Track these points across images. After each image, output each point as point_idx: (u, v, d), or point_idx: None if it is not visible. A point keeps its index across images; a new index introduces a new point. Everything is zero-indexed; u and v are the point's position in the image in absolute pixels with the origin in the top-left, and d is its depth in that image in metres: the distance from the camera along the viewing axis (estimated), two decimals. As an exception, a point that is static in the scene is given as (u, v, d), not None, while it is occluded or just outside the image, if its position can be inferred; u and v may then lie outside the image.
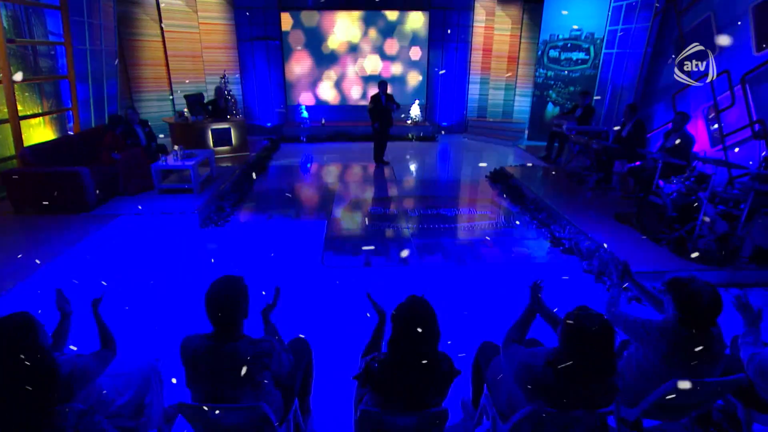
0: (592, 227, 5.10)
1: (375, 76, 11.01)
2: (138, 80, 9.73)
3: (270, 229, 5.48)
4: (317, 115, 11.07)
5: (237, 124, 8.29)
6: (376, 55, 10.98)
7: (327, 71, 11.01)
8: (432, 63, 11.10)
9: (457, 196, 6.84)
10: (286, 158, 9.03)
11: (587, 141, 6.81)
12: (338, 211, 6.10)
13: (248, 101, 10.86)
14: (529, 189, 6.57)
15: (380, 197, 6.73)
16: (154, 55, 9.84)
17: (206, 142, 8.05)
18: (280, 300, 2.33)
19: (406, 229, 5.50)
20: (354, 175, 7.98)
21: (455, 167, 8.79)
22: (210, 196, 6.08)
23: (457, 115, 11.57)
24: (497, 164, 8.12)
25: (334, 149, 9.81)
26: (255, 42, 10.38)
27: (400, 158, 8.95)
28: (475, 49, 11.13)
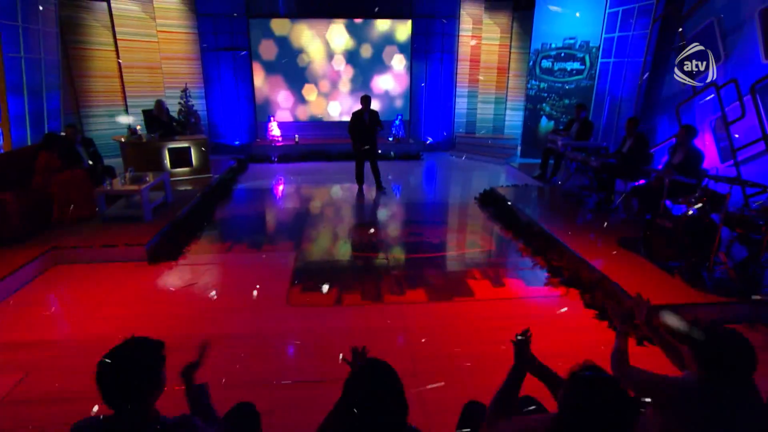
0: (594, 254, 4.89)
1: (356, 90, 10.94)
2: (87, 93, 9.47)
3: (230, 262, 5.18)
4: (290, 132, 10.89)
5: (198, 143, 8.01)
6: (354, 68, 10.91)
7: (301, 85, 10.90)
8: (415, 75, 11.06)
9: (442, 221, 6.61)
10: (254, 180, 8.78)
11: (585, 158, 6.69)
12: (309, 239, 5.82)
13: (213, 117, 10.65)
14: (523, 212, 6.38)
15: (357, 223, 6.49)
16: (106, 65, 9.61)
17: (163, 163, 7.74)
18: (230, 352, 2.01)
19: (385, 260, 5.23)
20: (329, 198, 7.73)
21: (441, 188, 8.62)
22: (163, 224, 5.76)
23: (444, 131, 11.49)
24: (488, 184, 7.97)
25: (308, 170, 9.60)
26: (221, 52, 10.25)
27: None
28: (461, 60, 11.14)
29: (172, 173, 7.80)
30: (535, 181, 8.23)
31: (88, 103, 9.52)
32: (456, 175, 9.48)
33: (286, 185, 8.59)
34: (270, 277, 4.81)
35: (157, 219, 5.91)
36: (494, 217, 6.63)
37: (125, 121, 9.03)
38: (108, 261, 5.04)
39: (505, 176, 9.13)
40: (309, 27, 10.55)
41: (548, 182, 8.09)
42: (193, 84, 10.24)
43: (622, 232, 5.52)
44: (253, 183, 8.58)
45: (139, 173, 6.31)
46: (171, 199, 6.62)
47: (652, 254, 4.72)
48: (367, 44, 10.76)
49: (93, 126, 9.60)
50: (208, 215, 6.54)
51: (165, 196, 6.52)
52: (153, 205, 6.11)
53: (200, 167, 8.10)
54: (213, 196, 7.25)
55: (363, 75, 10.99)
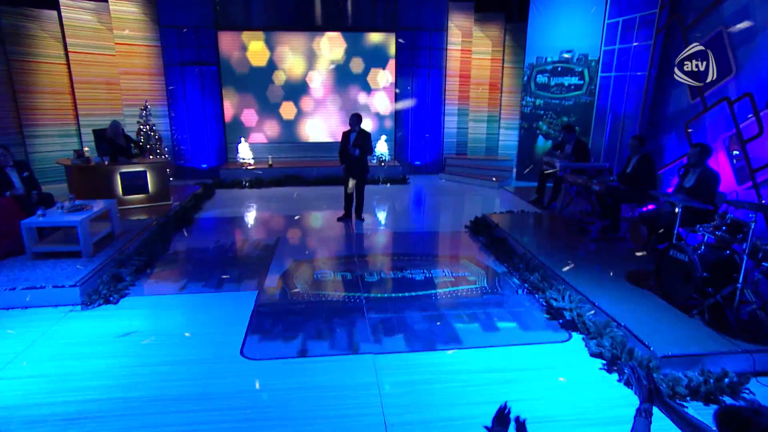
0: (600, 292, 4.55)
1: (336, 109, 10.77)
2: (33, 111, 9.14)
3: (181, 304, 4.79)
4: (264, 154, 10.64)
5: (156, 167, 7.66)
6: (335, 84, 10.77)
7: (276, 103, 10.71)
8: (401, 92, 10.93)
9: (429, 253, 6.27)
10: (221, 208, 8.43)
11: (586, 181, 6.43)
12: (274, 277, 5.45)
13: (178, 138, 10.37)
14: (518, 242, 6.07)
15: (332, 257, 6.13)
16: (55, 80, 9.34)
17: (114, 189, 7.36)
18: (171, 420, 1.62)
19: (361, 300, 4.85)
20: (302, 229, 7.38)
21: (429, 215, 8.31)
22: (104, 261, 5.36)
23: (432, 152, 11.34)
24: (480, 210, 7.72)
25: (282, 196, 9.30)
26: (186, 67, 10.04)
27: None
28: (450, 75, 11.05)
29: (124, 201, 7.47)
30: (532, 207, 8.00)
31: (33, 121, 9.16)
32: (445, 200, 9.22)
33: (256, 213, 8.24)
34: (226, 321, 4.45)
35: (98, 254, 5.53)
36: (486, 248, 6.34)
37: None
38: (33, 306, 4.61)
39: (500, 201, 8.89)
40: (285, 41, 10.41)
41: (546, 208, 7.83)
42: (155, 101, 10.01)
43: (630, 265, 5.22)
44: (219, 211, 8.23)
45: (82, 202, 5.91)
46: (118, 230, 6.24)
47: (666, 291, 4.40)
48: (349, 59, 10.65)
49: (39, 147, 9.23)
50: (162, 249, 6.16)
51: (111, 228, 6.14)
52: (95, 239, 5.74)
53: (158, 194, 7.73)
54: (170, 226, 6.88)
55: (345, 92, 10.83)
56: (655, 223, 5.45)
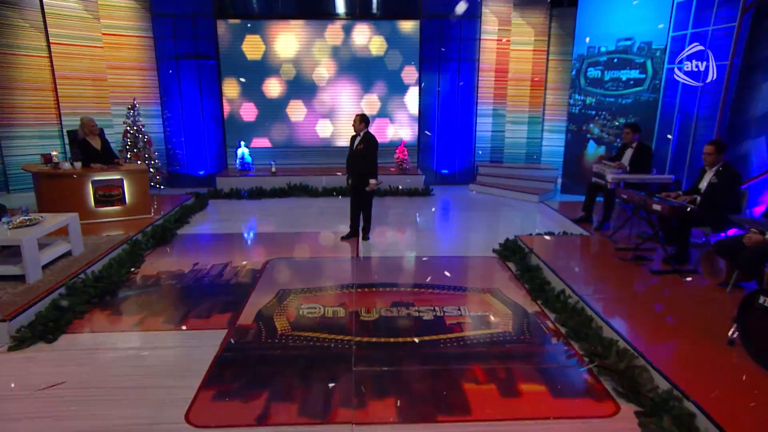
0: (661, 346, 3.78)
1: (352, 109, 10.36)
2: (10, 110, 8.98)
3: (131, 345, 4.31)
4: (267, 160, 10.29)
5: (134, 174, 7.30)
6: (350, 81, 10.37)
7: (283, 101, 10.38)
8: (425, 90, 10.42)
9: (442, 285, 5.60)
10: (210, 222, 8.07)
11: (646, 198, 5.63)
12: (252, 312, 4.91)
13: (173, 141, 10.14)
14: (556, 273, 5.33)
15: (325, 286, 5.56)
16: (36, 75, 9.16)
17: (86, 200, 7.02)
18: None
19: (350, 346, 4.23)
20: (297, 250, 6.86)
21: (451, 235, 7.65)
22: (50, 288, 4.94)
23: (462, 159, 10.81)
24: (514, 230, 7.07)
25: (284, 209, 8.89)
26: (181, 61, 9.81)
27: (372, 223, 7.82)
28: (484, 69, 10.48)
29: (96, 214, 7.17)
30: (578, 227, 7.25)
31: (10, 121, 8.99)
32: (474, 216, 8.55)
33: (249, 230, 7.79)
34: (179, 370, 3.93)
35: (47, 279, 5.12)
36: (517, 278, 5.65)
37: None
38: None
39: (539, 219, 8.17)
40: (293, 31, 10.06)
41: (596, 229, 7.04)
42: (147, 100, 9.82)
43: (703, 310, 4.40)
44: (207, 226, 7.85)
45: (36, 215, 5.54)
46: (79, 250, 5.86)
47: (755, 350, 3.59)
48: (367, 51, 10.24)
49: (16, 150, 9.05)
50: (126, 274, 5.73)
51: (71, 247, 5.78)
52: (47, 260, 5.40)
53: (136, 206, 7.39)
54: (144, 245, 6.49)
55: (361, 89, 10.44)
56: (738, 255, 4.60)
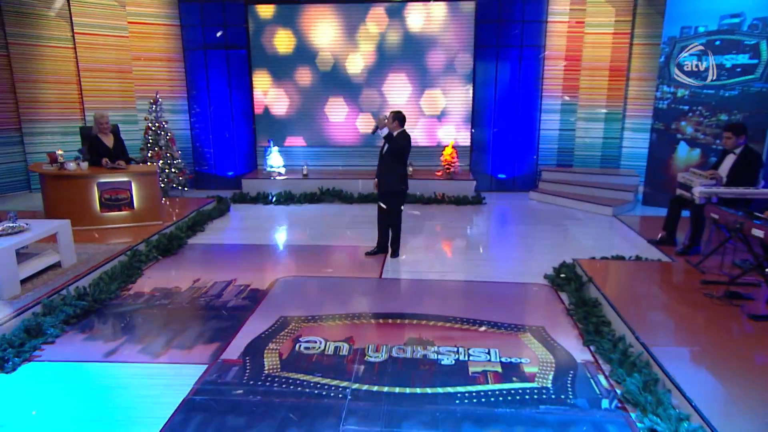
0: (757, 423, 3.04)
1: (395, 104, 10.03)
2: (33, 104, 9.27)
3: (95, 379, 4.07)
4: (299, 161, 10.12)
5: (143, 176, 7.20)
6: (396, 73, 10.04)
7: (319, 94, 10.17)
8: (481, 81, 9.92)
9: (475, 320, 5.00)
10: (226, 231, 7.93)
11: (742, 219, 4.76)
12: (241, 343, 4.56)
13: (200, 139, 10.18)
14: (618, 311, 4.60)
15: (334, 314, 5.12)
16: (60, 68, 9.43)
17: (91, 203, 6.98)
18: None
19: (345, 394, 3.74)
20: (312, 267, 6.54)
21: (498, 254, 7.00)
22: (25, 306, 4.84)
23: (523, 162, 10.25)
24: (577, 251, 6.47)
25: (313, 217, 8.67)
26: (210, 51, 9.81)
27: (405, 238, 7.41)
28: (552, 57, 9.83)
29: (102, 219, 7.12)
30: (656, 251, 6.41)
31: (33, 116, 9.28)
32: (529, 231, 7.88)
33: (266, 241, 7.57)
34: (139, 415, 3.61)
35: (26, 295, 5.02)
36: (569, 314, 5.01)
37: None
38: None
39: (610, 238, 7.41)
40: (333, 17, 9.81)
41: (678, 254, 6.16)
42: (172, 93, 9.89)
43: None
44: (221, 235, 7.68)
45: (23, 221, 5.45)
46: (69, 261, 5.77)
47: None
48: (412, 38, 9.86)
49: (39, 147, 9.31)
50: (116, 290, 5.57)
51: (60, 258, 5.70)
52: (30, 272, 5.32)
53: (146, 211, 7.29)
54: (144, 257, 6.34)
55: (406, 81, 10.08)
56: None
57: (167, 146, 9.00)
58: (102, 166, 7.18)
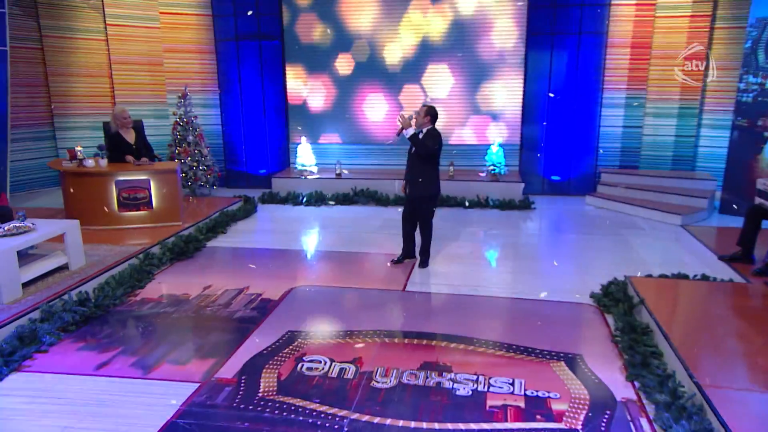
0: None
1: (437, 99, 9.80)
2: (65, 98, 9.55)
3: (77, 396, 3.99)
4: (334, 159, 10.05)
5: (163, 175, 7.26)
6: (440, 64, 9.80)
7: (355, 87, 10.04)
8: (533, 73, 9.54)
9: (503, 344, 4.65)
10: (249, 234, 7.91)
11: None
12: (239, 361, 4.41)
13: (231, 135, 10.27)
14: (671, 342, 4.15)
15: (345, 331, 4.92)
16: (92, 60, 9.68)
17: (110, 203, 7.07)
18: None
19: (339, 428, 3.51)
20: (332, 276, 6.42)
21: (541, 267, 6.59)
22: (22, 311, 4.87)
23: (580, 163, 9.81)
24: (635, 266, 6.16)
25: (341, 220, 8.59)
26: (242, 42, 9.86)
27: (438, 245, 7.18)
28: (615, 45, 9.33)
29: (120, 219, 7.20)
30: (728, 269, 5.85)
31: (65, 110, 9.57)
32: (581, 241, 7.46)
33: (286, 247, 7.46)
34: None
35: (27, 299, 5.07)
36: (614, 341, 4.61)
37: None
38: None
39: (675, 251, 6.92)
40: (373, 4, 9.67)
41: (754, 275, 5.58)
42: (204, 87, 9.98)
43: None
44: (242, 239, 7.65)
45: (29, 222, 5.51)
46: (78, 264, 5.84)
47: None
48: (460, 28, 9.58)
49: (70, 142, 9.51)
50: (124, 295, 5.59)
51: (67, 260, 5.76)
52: (35, 275, 5.40)
53: (165, 211, 7.34)
54: (156, 260, 6.36)
55: (450, 73, 9.79)
56: None
57: (195, 143, 9.04)
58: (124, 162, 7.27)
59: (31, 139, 9.59)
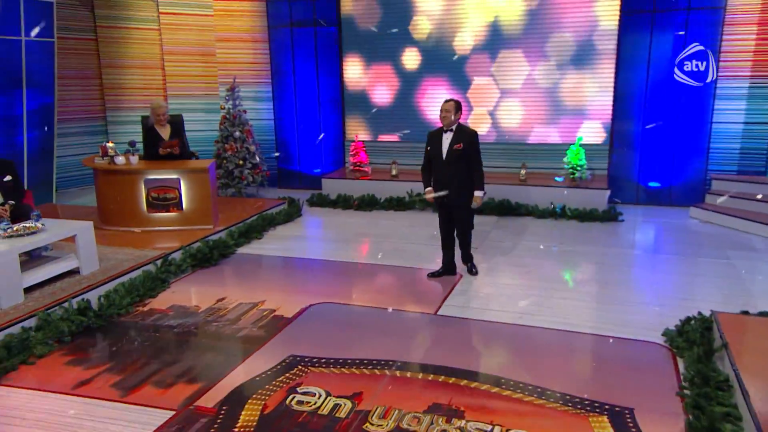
0: None
1: (511, 91, 9.47)
2: (118, 90, 10.00)
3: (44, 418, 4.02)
4: (389, 158, 9.90)
5: (194, 174, 7.37)
6: (513, 50, 9.34)
7: (419, 81, 9.86)
8: (628, 58, 8.93)
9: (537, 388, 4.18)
10: (285, 241, 7.91)
11: None
12: (224, 389, 4.29)
13: (284, 131, 10.35)
14: (752, 404, 3.51)
15: (350, 362, 4.65)
16: (145, 51, 10.08)
17: (139, 202, 7.24)
18: None
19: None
20: (360, 292, 6.26)
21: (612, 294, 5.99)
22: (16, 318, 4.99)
23: (685, 167, 9.05)
24: (730, 299, 5.55)
25: (389, 227, 8.52)
26: (296, 29, 9.92)
27: (492, 260, 6.79)
28: (735, 23, 8.49)
29: (149, 220, 7.39)
30: None
31: (118, 103, 10.04)
32: (674, 263, 6.80)
33: (321, 256, 7.41)
34: None
35: (27, 305, 5.23)
36: (680, 395, 4.03)
37: None
38: None
39: None
40: None
41: None
42: (256, 79, 10.14)
43: None
44: (276, 246, 7.66)
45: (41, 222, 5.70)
46: (90, 269, 5.99)
47: None
48: (538, 5, 9.11)
49: (121, 137, 10.01)
50: (131, 305, 5.67)
51: (78, 264, 5.94)
52: (41, 279, 5.58)
53: (196, 213, 7.45)
54: (177, 267, 6.42)
55: (526, 63, 9.33)
56: None
57: (242, 139, 9.14)
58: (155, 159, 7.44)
59: (86, 133, 10.14)
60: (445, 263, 6.36)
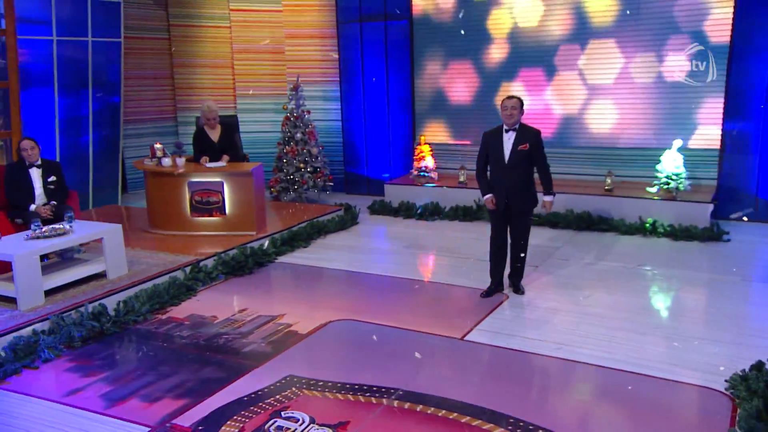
0: None
1: (604, 86, 8.97)
2: (189, 90, 10.45)
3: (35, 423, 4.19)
4: (459, 162, 9.64)
5: (238, 178, 7.57)
6: (603, 40, 8.86)
7: (494, 79, 9.59)
8: (742, 48, 8.14)
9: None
10: (329, 251, 7.90)
11: None
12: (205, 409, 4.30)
13: (351, 133, 10.38)
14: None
15: (348, 387, 4.56)
16: (217, 50, 10.44)
17: (183, 206, 7.54)
18: None
19: None
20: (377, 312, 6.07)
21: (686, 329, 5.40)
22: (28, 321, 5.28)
23: None
24: None
25: (450, 239, 8.33)
26: (366, 24, 9.94)
27: (551, 278, 6.43)
28: None
29: (192, 225, 7.63)
30: None
31: (188, 103, 10.50)
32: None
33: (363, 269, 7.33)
34: None
35: (45, 307, 5.52)
36: None
37: None
38: None
39: None
40: None
41: None
42: (324, 78, 10.27)
43: None
44: (318, 256, 7.66)
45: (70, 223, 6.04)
46: (118, 272, 6.26)
47: None
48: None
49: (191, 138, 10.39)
50: (150, 313, 5.84)
51: (105, 266, 6.21)
52: (58, 283, 5.85)
53: (239, 218, 7.65)
54: (203, 276, 6.56)
55: (621, 53, 8.81)
56: None
57: (304, 141, 9.21)
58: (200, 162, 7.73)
59: (157, 134, 10.63)
60: (496, 280, 6.27)
